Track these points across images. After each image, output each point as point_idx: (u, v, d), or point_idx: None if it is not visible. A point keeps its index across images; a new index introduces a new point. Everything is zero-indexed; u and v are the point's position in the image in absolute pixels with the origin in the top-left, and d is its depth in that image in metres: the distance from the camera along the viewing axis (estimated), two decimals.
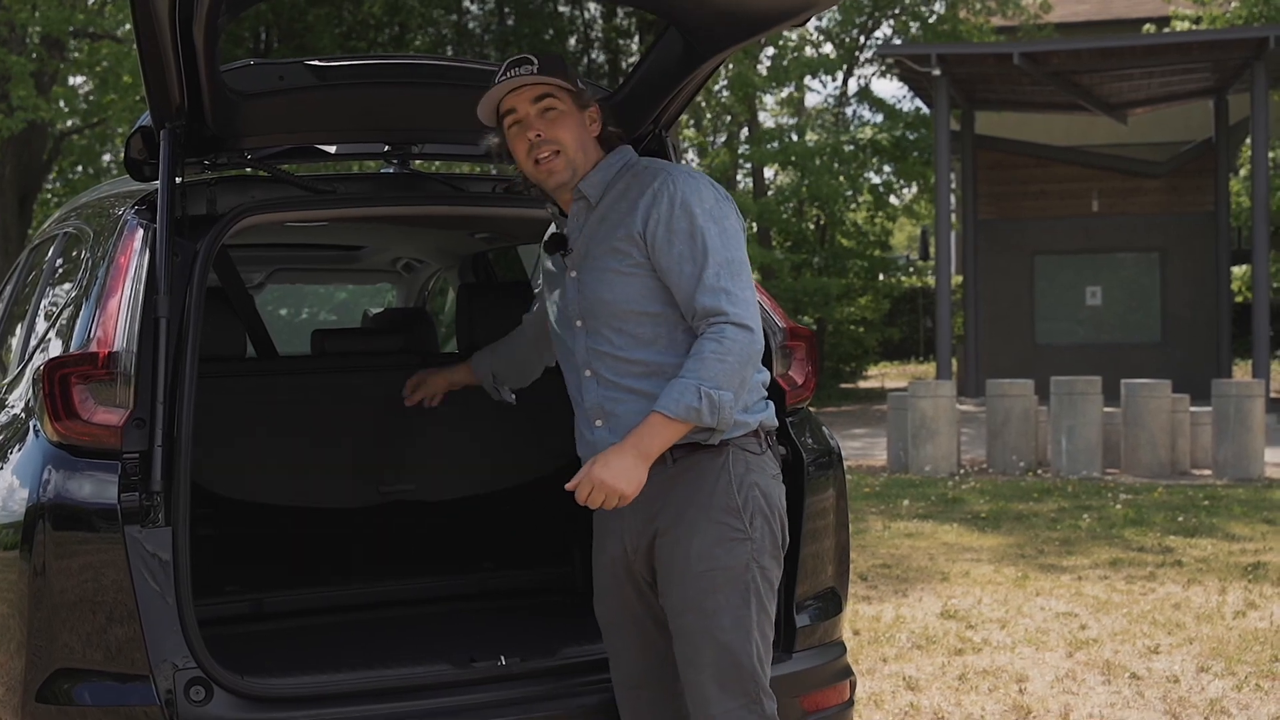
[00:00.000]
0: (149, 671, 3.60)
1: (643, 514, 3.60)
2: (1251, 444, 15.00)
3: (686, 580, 3.53)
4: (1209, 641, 7.48)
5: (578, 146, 3.66)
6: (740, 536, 3.54)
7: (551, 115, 3.64)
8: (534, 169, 3.68)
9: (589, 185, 3.68)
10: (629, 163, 3.74)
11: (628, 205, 3.61)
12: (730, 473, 3.57)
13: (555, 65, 3.65)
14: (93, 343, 3.77)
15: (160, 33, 3.62)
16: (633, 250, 3.59)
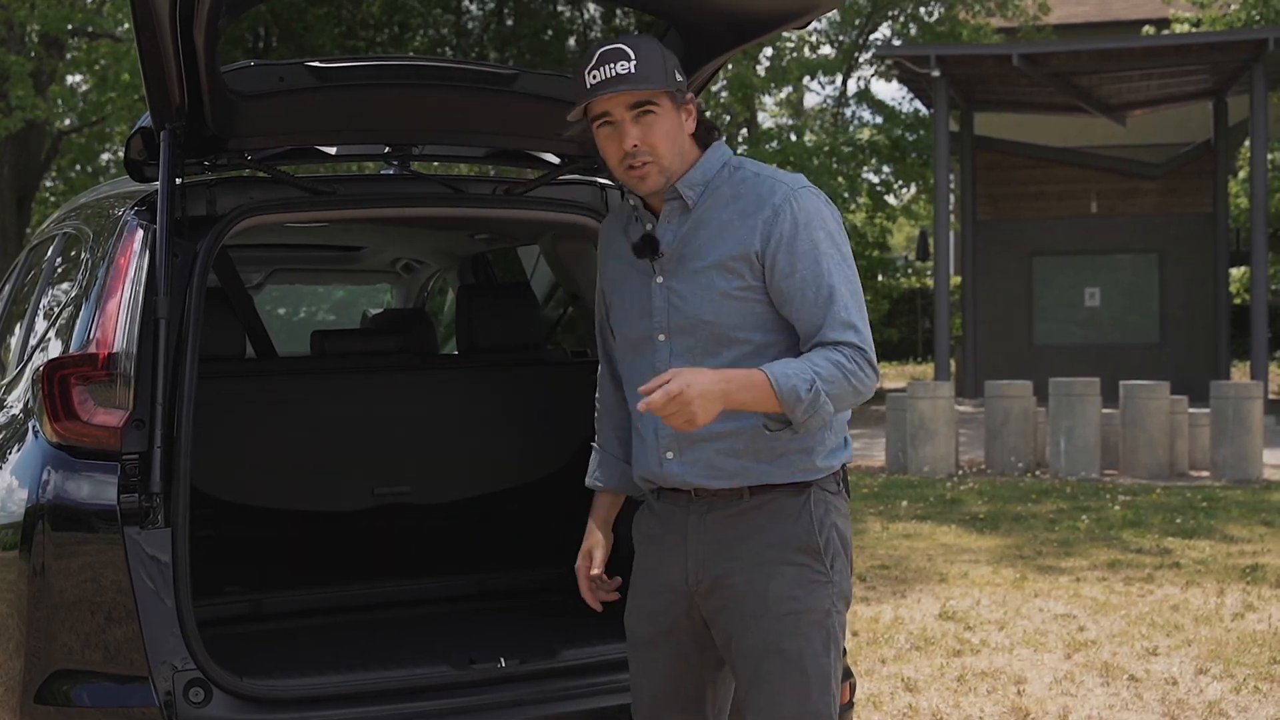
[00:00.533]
0: (148, 673, 3.59)
1: (710, 546, 3.37)
2: (1250, 445, 15.01)
3: (765, 623, 3.31)
4: (1207, 643, 7.49)
5: (674, 152, 3.34)
6: (822, 579, 3.34)
7: (648, 120, 3.30)
8: (625, 174, 3.35)
9: (687, 186, 3.37)
10: (727, 162, 3.42)
11: (737, 216, 3.33)
12: (811, 514, 3.35)
13: (654, 63, 3.29)
14: (92, 344, 3.78)
15: (161, 33, 3.62)
16: (745, 271, 3.30)
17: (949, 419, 15.83)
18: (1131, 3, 32.99)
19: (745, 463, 3.32)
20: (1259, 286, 20.81)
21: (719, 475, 3.34)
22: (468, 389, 5.37)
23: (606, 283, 3.60)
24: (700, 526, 3.38)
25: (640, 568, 3.55)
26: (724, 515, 3.36)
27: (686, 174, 3.37)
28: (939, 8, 29.41)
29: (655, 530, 3.50)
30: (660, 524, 3.48)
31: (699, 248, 3.34)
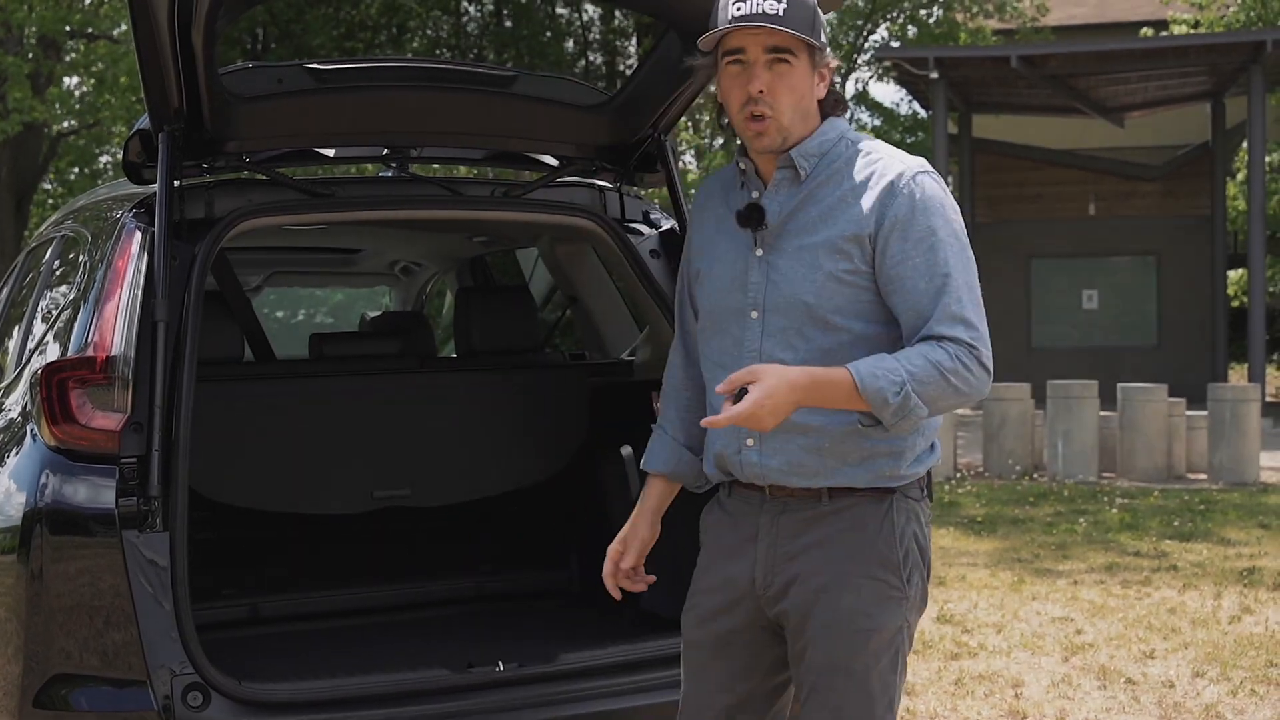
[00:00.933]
0: (146, 677, 3.58)
1: (783, 550, 3.17)
2: (1247, 448, 15.03)
3: (836, 637, 3.12)
4: (1204, 646, 7.48)
5: (797, 112, 3.10)
6: (898, 595, 3.14)
7: (781, 69, 3.07)
8: (744, 124, 3.10)
9: (802, 155, 3.13)
10: (844, 136, 3.18)
11: (851, 193, 3.10)
12: (894, 524, 3.14)
13: (803, 12, 3.07)
14: (90, 347, 3.78)
15: (159, 36, 3.62)
16: (855, 253, 3.07)
17: (947, 421, 15.84)
18: (1130, 4, 33.01)
19: (829, 462, 3.11)
20: (1256, 289, 20.84)
21: (798, 472, 3.13)
22: (466, 392, 5.36)
23: (695, 251, 3.36)
24: (772, 528, 3.18)
25: (703, 566, 3.35)
26: (799, 518, 3.16)
27: (803, 143, 3.13)
28: (937, 10, 29.40)
29: (723, 527, 3.30)
30: (729, 521, 3.28)
31: (807, 223, 3.12)
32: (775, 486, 3.16)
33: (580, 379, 5.42)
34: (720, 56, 3.13)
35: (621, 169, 4.65)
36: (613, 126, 4.48)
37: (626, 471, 4.99)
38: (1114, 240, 25.32)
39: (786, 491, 3.16)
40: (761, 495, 3.19)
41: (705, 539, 3.37)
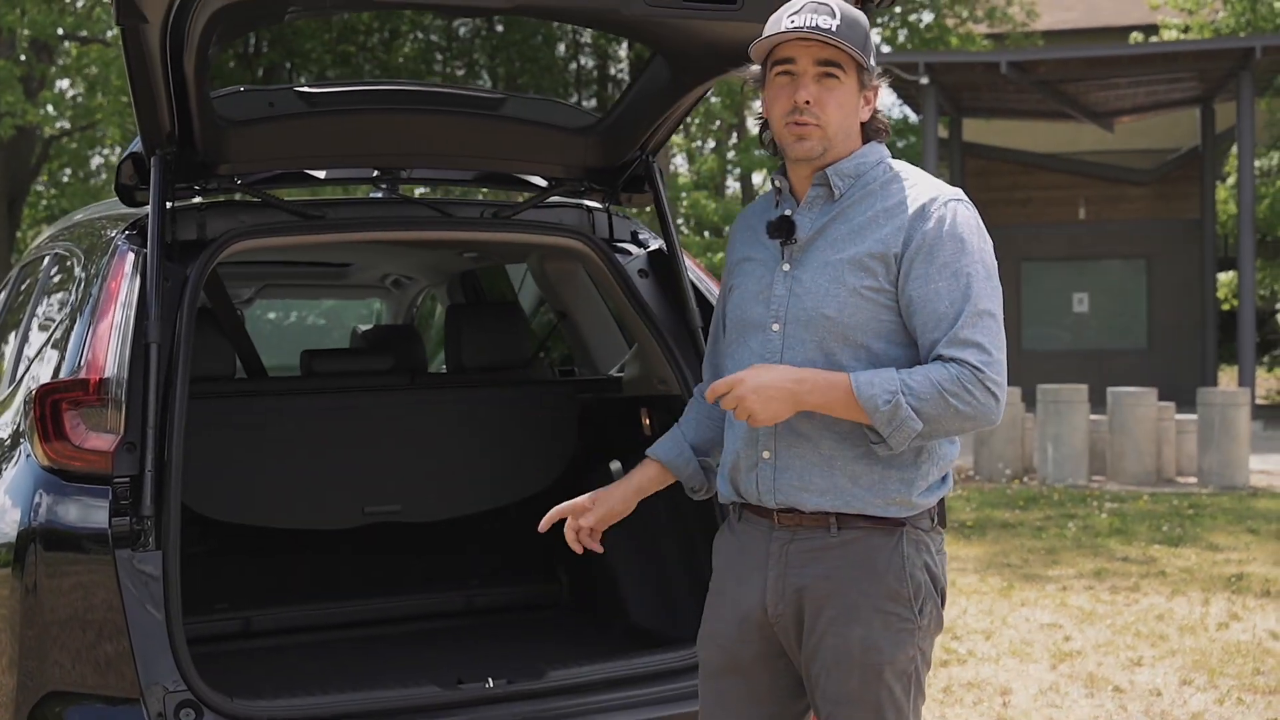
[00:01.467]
0: (140, 694, 3.63)
1: (792, 580, 3.20)
2: (1236, 452, 15.09)
3: (847, 669, 3.14)
4: (1192, 654, 7.54)
5: (841, 127, 3.16)
6: (910, 626, 3.15)
7: (829, 83, 3.12)
8: (785, 130, 3.14)
9: (838, 174, 3.17)
10: (883, 160, 3.22)
11: (882, 214, 3.13)
12: (903, 555, 3.15)
13: (857, 29, 3.15)
14: (84, 368, 3.82)
15: (151, 63, 3.66)
16: (880, 271, 3.10)
17: None
18: (1119, 9, 33.10)
19: (840, 480, 3.13)
20: (1246, 293, 20.92)
21: (810, 490, 3.15)
22: (456, 408, 5.41)
23: (729, 267, 3.41)
24: (781, 556, 3.20)
25: (716, 591, 3.38)
26: (808, 547, 3.18)
27: (840, 163, 3.18)
28: (928, 14, 29.47)
29: (733, 552, 3.33)
30: (738, 546, 3.31)
31: (836, 240, 3.15)
32: (784, 511, 3.19)
33: (570, 395, 5.47)
34: (769, 66, 3.17)
35: (610, 190, 4.70)
36: (601, 148, 4.54)
37: None
38: (1104, 244, 25.39)
39: (795, 518, 3.18)
40: (770, 523, 3.22)
41: (716, 562, 3.41)
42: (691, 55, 4.01)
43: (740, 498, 3.28)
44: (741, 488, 3.26)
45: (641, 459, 3.52)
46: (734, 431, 3.26)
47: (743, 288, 3.29)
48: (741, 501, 3.29)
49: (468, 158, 4.61)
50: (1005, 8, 28.79)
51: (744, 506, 3.29)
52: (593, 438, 5.36)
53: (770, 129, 3.22)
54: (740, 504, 3.30)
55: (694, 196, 24.78)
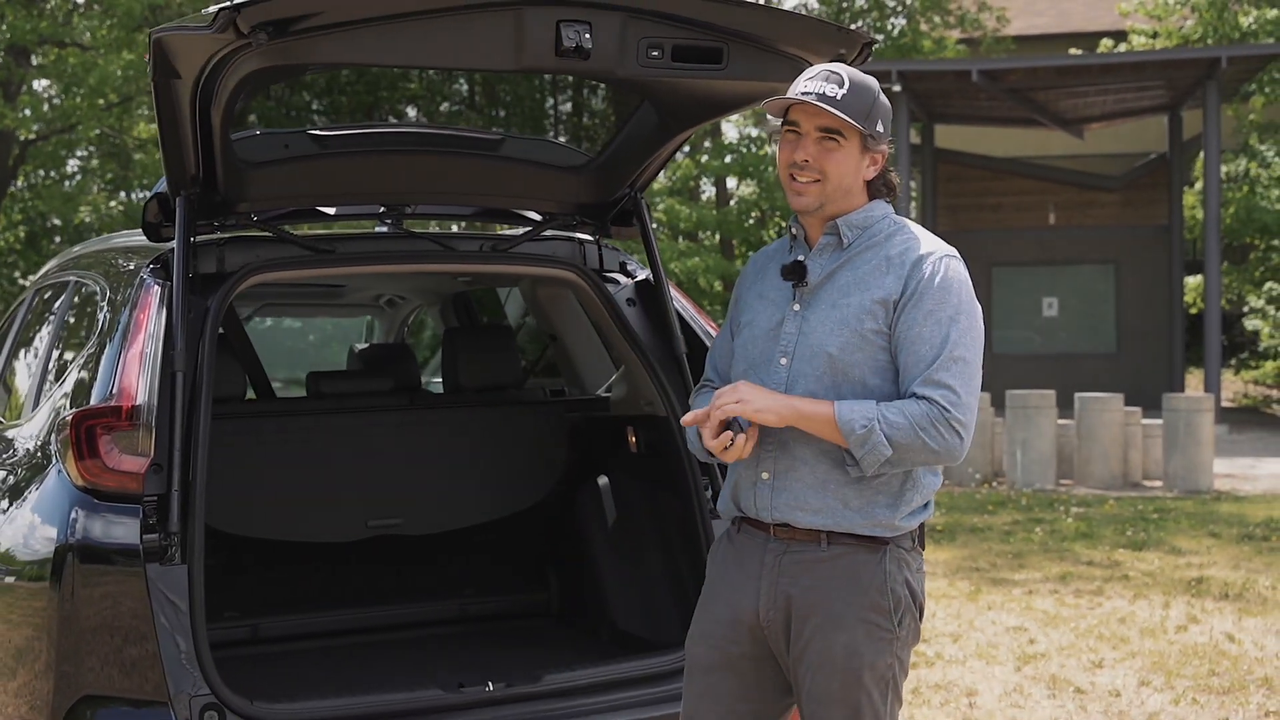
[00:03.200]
0: (168, 699, 3.90)
1: (784, 588, 3.50)
2: (1200, 457, 15.42)
3: (830, 672, 3.44)
4: (1151, 656, 7.85)
5: (841, 184, 3.46)
6: (889, 636, 3.46)
7: (829, 146, 3.43)
8: (788, 183, 3.48)
9: (847, 225, 3.49)
10: (888, 216, 3.55)
11: (885, 263, 3.45)
12: (885, 571, 3.45)
13: (861, 99, 3.42)
14: (116, 396, 4.09)
15: (180, 114, 3.96)
16: (881, 315, 3.41)
17: None
18: (1090, 15, 33.44)
19: (832, 502, 3.43)
20: (1212, 299, 21.23)
21: (805, 509, 3.44)
22: (453, 427, 5.71)
23: (741, 306, 3.68)
24: (775, 565, 3.50)
25: (710, 595, 3.66)
26: (800, 559, 3.47)
27: (850, 215, 3.49)
28: (900, 21, 29.77)
29: (729, 562, 3.62)
30: (735, 556, 3.60)
31: (843, 285, 3.45)
32: (780, 526, 3.51)
33: (560, 414, 5.77)
34: (784, 123, 3.49)
35: (600, 223, 5.01)
36: (592, 186, 4.84)
37: (603, 500, 5.36)
38: (1074, 249, 25.71)
39: (790, 533, 3.49)
40: (766, 535, 3.54)
41: (712, 569, 3.71)
42: (679, 105, 4.32)
43: (740, 512, 3.60)
44: (742, 503, 3.57)
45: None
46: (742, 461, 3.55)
47: (754, 324, 3.59)
48: (741, 515, 3.61)
49: (468, 194, 4.91)
50: (976, 14, 29.14)
51: (743, 520, 3.61)
52: (582, 454, 5.67)
53: None
54: (740, 518, 3.62)
55: (668, 203, 25.02)
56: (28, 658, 4.14)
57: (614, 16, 3.72)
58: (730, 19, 3.81)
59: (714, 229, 26.85)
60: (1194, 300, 26.33)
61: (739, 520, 3.63)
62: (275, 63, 3.69)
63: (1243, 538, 12.00)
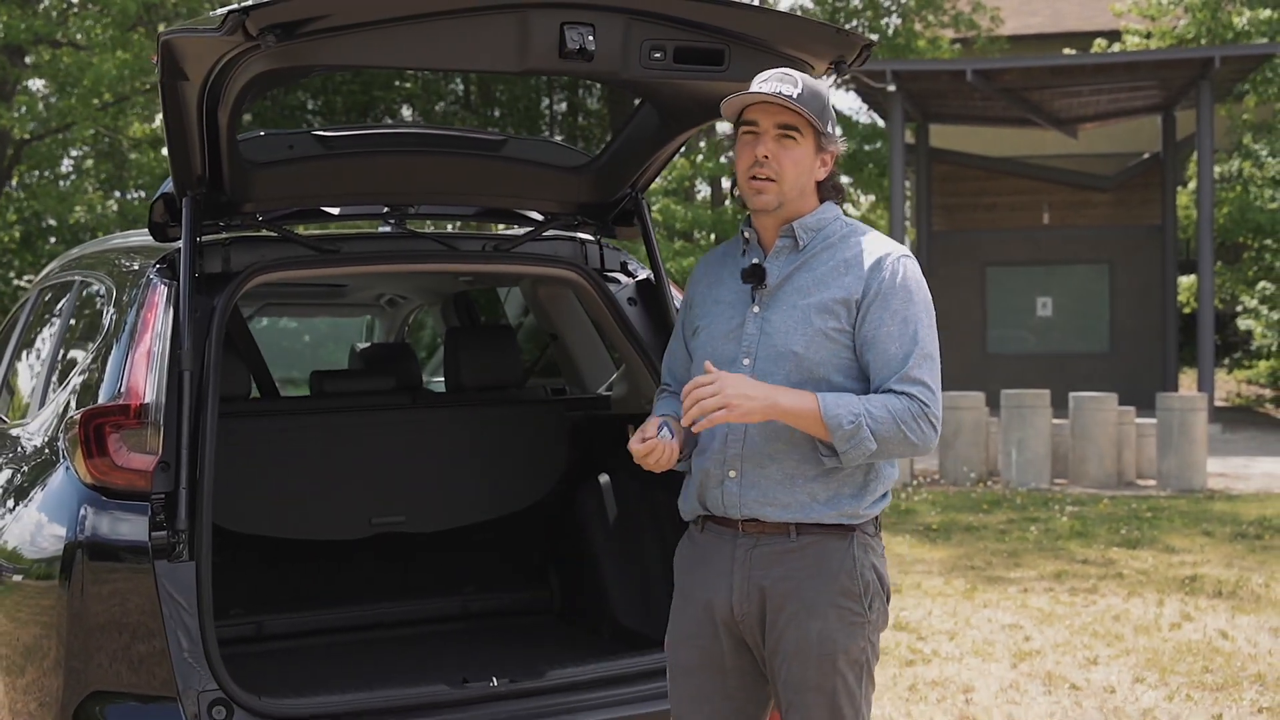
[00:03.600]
0: (176, 694, 3.95)
1: (756, 580, 3.58)
2: (1194, 456, 15.49)
3: (806, 660, 3.53)
4: (1145, 653, 7.91)
5: (797, 183, 3.56)
6: (860, 620, 3.56)
7: (787, 144, 3.53)
8: (747, 184, 3.57)
9: (802, 228, 3.60)
10: (839, 218, 3.67)
11: (843, 265, 3.56)
12: (854, 558, 3.56)
13: (816, 98, 3.54)
14: (124, 394, 4.14)
15: (187, 115, 4.00)
16: (843, 314, 3.52)
17: None
18: (1083, 14, 33.50)
19: (800, 497, 3.52)
20: (1205, 298, 21.26)
21: (774, 505, 3.53)
22: (456, 426, 5.76)
23: (695, 311, 3.77)
24: (746, 560, 3.58)
25: (683, 597, 3.74)
26: (770, 551, 3.55)
27: (804, 218, 3.60)
28: (895, 20, 29.82)
29: (696, 560, 3.70)
30: (701, 555, 3.68)
31: (802, 286, 3.55)
32: (749, 521, 3.58)
33: (561, 413, 5.82)
34: (739, 125, 3.59)
35: (601, 224, 5.05)
36: (594, 186, 4.89)
37: (604, 498, 5.41)
38: (1068, 249, 25.77)
39: (758, 527, 3.57)
40: (735, 531, 3.61)
41: (680, 573, 3.79)
42: (680, 107, 4.37)
43: (706, 511, 3.67)
44: (708, 502, 3.63)
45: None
46: (701, 456, 3.64)
47: (711, 327, 3.67)
48: (706, 515, 3.68)
49: (471, 195, 4.96)
50: (971, 14, 29.19)
51: (708, 518, 3.69)
52: (583, 453, 5.72)
53: (737, 183, 3.63)
54: (704, 516, 3.69)
55: (664, 202, 25.06)
56: (36, 655, 4.18)
57: (617, 19, 3.76)
58: (731, 21, 3.86)
59: (709, 229, 26.87)
60: (1188, 300, 26.40)
61: (702, 519, 3.70)
62: (283, 64, 3.73)
63: (1236, 536, 12.06)
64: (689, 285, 3.85)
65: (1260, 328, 25.74)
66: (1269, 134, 24.72)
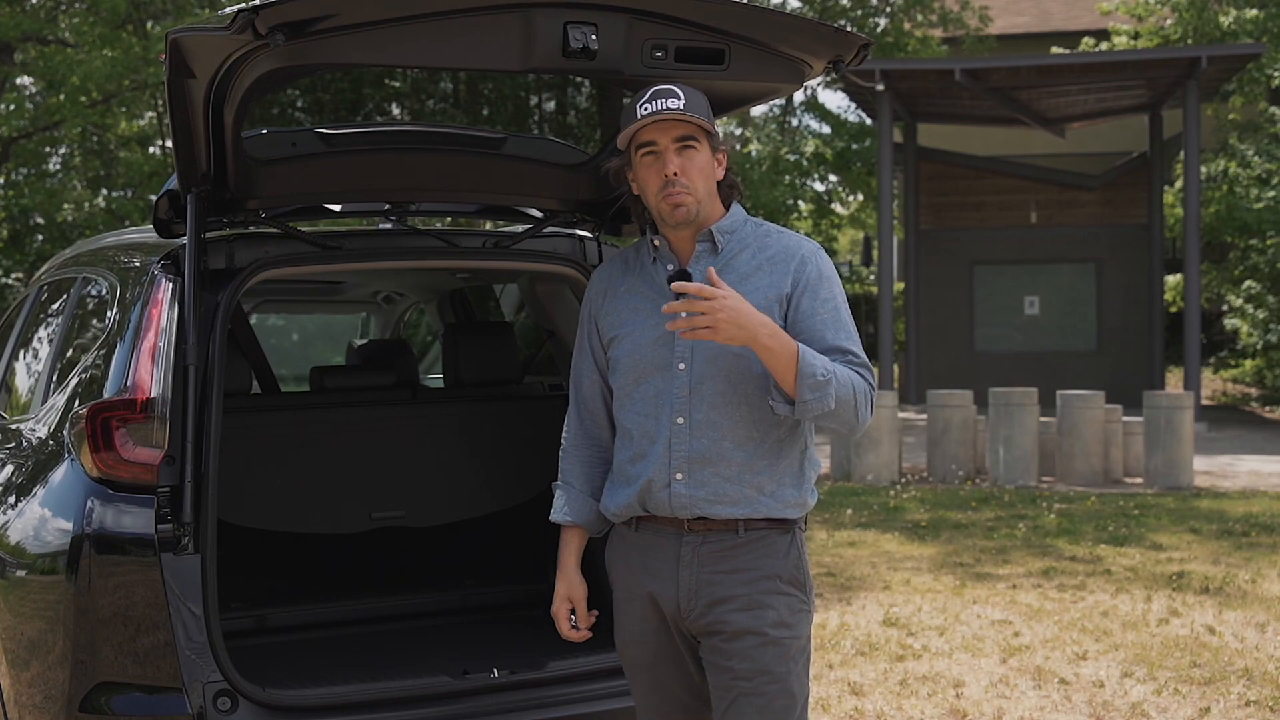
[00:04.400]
0: (181, 685, 4.02)
1: (705, 576, 3.65)
2: (1180, 453, 15.56)
3: (759, 647, 3.61)
4: (1133, 648, 7.97)
5: (707, 190, 3.67)
6: (805, 608, 3.70)
7: (689, 154, 3.63)
8: (662, 201, 3.63)
9: (720, 231, 3.70)
10: (747, 218, 3.79)
11: (767, 262, 3.68)
12: (798, 549, 3.69)
13: (700, 104, 3.65)
14: (131, 389, 4.19)
15: (194, 112, 4.04)
16: (775, 310, 3.61)
17: (892, 428, 16.35)
18: (1071, 14, 33.63)
19: (748, 491, 3.61)
20: (1192, 298, 21.36)
21: (723, 502, 3.61)
22: (455, 421, 5.82)
23: (608, 321, 3.81)
24: (694, 557, 3.65)
25: (625, 596, 3.82)
26: (719, 548, 3.64)
27: (719, 222, 3.71)
28: (884, 19, 29.92)
29: (637, 561, 3.75)
30: (643, 551, 3.73)
31: (730, 286, 3.57)
32: (696, 520, 3.66)
33: (559, 409, 5.86)
34: (634, 150, 3.67)
35: (600, 220, 5.11)
36: (593, 183, 4.94)
37: None
38: (1055, 248, 25.88)
39: (707, 524, 3.65)
40: (679, 530, 3.68)
41: (618, 572, 3.85)
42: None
43: (646, 512, 3.72)
44: (651, 505, 3.69)
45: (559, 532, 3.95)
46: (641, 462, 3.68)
47: (635, 335, 3.72)
48: (642, 515, 3.74)
49: (471, 192, 5.01)
50: (959, 13, 29.29)
51: (639, 520, 3.75)
52: None
53: (647, 205, 3.72)
54: (639, 517, 3.75)
55: None
56: (42, 648, 4.23)
57: (620, 18, 3.81)
58: (732, 21, 3.92)
59: None
60: (1174, 299, 26.50)
61: (635, 520, 3.76)
62: (290, 63, 3.78)
63: (1222, 533, 12.14)
64: (589, 299, 3.91)
65: (1246, 326, 25.84)
66: (1255, 133, 24.84)
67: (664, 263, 3.74)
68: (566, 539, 3.92)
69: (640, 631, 3.79)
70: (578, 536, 3.92)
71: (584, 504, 3.89)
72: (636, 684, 3.88)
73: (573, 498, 3.90)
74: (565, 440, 3.98)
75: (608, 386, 3.85)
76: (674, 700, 3.81)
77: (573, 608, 3.88)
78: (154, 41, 22.45)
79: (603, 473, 3.88)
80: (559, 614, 3.89)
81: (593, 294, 3.91)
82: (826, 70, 4.16)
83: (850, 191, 31.40)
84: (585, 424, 3.93)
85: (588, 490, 3.89)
